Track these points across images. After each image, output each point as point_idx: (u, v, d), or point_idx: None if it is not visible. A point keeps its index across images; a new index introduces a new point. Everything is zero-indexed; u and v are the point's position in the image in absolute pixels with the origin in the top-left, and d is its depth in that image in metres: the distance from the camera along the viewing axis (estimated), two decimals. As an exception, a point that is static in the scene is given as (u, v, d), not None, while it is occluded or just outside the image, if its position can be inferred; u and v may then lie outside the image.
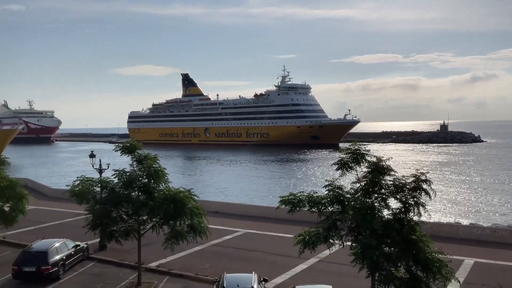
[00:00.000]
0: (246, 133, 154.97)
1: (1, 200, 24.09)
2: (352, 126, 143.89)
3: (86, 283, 20.28)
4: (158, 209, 17.87)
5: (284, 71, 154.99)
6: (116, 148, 19.86)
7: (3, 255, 24.65)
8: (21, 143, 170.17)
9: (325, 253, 19.92)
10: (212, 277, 19.89)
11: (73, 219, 32.31)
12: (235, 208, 36.00)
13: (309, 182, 61.61)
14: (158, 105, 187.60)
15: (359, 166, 14.76)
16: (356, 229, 14.15)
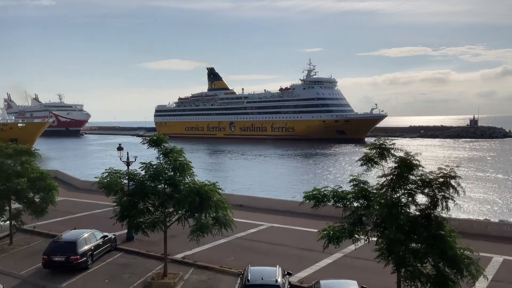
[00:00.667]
0: (271, 127, 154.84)
1: (32, 191, 24.76)
2: (378, 120, 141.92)
3: (114, 273, 20.72)
4: (183, 201, 18.08)
5: (309, 64, 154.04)
6: (143, 141, 20.17)
7: (34, 244, 25.41)
8: (51, 135, 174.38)
9: (350, 248, 19.80)
10: (236, 269, 20.03)
11: (101, 210, 32.98)
12: (259, 202, 36.10)
13: (333, 177, 61.22)
14: (184, 99, 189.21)
15: (385, 161, 14.60)
16: (381, 225, 14.01)
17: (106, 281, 19.70)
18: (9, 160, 25.42)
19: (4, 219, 24.82)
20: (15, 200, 24.74)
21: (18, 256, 23.52)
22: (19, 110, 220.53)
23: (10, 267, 21.54)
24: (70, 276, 20.19)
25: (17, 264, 22.01)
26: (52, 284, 19.20)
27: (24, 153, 25.80)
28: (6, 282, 18.71)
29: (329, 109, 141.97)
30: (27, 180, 24.27)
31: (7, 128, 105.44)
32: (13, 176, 24.23)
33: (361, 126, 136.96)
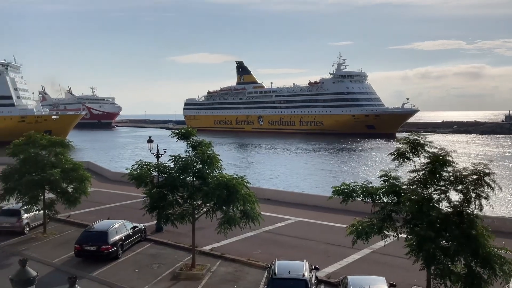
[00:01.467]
0: (300, 121, 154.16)
1: (65, 181, 25.42)
2: (410, 115, 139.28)
3: (143, 263, 21.10)
4: (211, 194, 18.22)
5: (339, 58, 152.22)
6: (173, 134, 20.42)
7: (67, 233, 26.12)
8: (84, 128, 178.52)
9: (378, 244, 19.55)
10: (263, 263, 20.09)
11: (132, 201, 33.58)
12: (287, 196, 36.05)
13: (362, 172, 60.51)
14: (213, 92, 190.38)
15: (417, 157, 14.31)
16: (412, 221, 13.76)
17: (136, 271, 20.08)
18: (44, 151, 26.16)
19: (38, 209, 25.56)
20: (49, 190, 25.42)
21: (51, 244, 24.23)
22: (53, 103, 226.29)
23: (43, 255, 22.21)
24: (101, 265, 20.67)
25: (50, 252, 22.68)
26: (83, 272, 19.68)
27: (58, 144, 26.49)
28: (40, 269, 19.28)
29: (359, 103, 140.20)
30: (61, 170, 24.91)
31: (42, 120, 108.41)
32: (47, 167, 24.90)
33: (392, 121, 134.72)
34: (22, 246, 23.76)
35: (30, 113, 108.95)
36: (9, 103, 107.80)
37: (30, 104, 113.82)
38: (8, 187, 24.90)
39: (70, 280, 8.36)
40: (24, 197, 24.68)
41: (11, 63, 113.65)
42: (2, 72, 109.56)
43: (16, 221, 25.81)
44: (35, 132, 27.14)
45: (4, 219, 25.88)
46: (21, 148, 25.82)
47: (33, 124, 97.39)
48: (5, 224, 25.79)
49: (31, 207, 24.92)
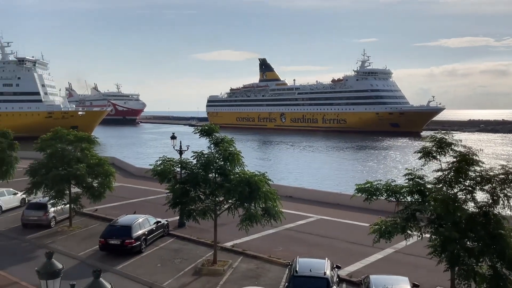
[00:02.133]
0: (322, 119, 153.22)
1: (91, 176, 25.88)
2: (435, 113, 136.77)
3: (166, 257, 21.34)
4: (233, 191, 18.28)
5: (363, 55, 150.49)
6: (195, 130, 20.56)
7: (92, 227, 26.60)
8: (109, 124, 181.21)
9: (401, 244, 19.29)
10: (285, 260, 20.08)
11: (155, 197, 33.96)
12: (309, 193, 35.91)
13: (386, 170, 59.79)
14: (235, 89, 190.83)
15: (443, 156, 14.07)
16: (436, 221, 13.55)
17: (159, 265, 20.32)
18: (70, 147, 26.68)
19: (64, 203, 26.09)
20: (75, 185, 25.93)
21: (76, 238, 24.72)
22: (79, 99, 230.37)
23: (69, 248, 22.69)
24: (124, 259, 20.99)
25: (76, 246, 23.15)
26: (107, 266, 20.02)
27: (84, 140, 26.99)
28: (65, 262, 19.67)
29: (383, 101, 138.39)
30: (86, 165, 25.37)
31: (68, 115, 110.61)
32: (73, 162, 25.40)
33: (417, 119, 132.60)
34: (48, 239, 24.33)
35: (57, 109, 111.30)
36: (37, 99, 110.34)
37: (57, 100, 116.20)
38: (36, 181, 25.50)
39: (95, 273, 8.50)
40: (50, 191, 25.22)
41: (39, 60, 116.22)
42: (30, 68, 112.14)
43: (43, 215, 26.41)
44: (62, 128, 27.69)
45: (31, 213, 26.52)
46: (48, 143, 26.40)
47: (60, 119, 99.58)
48: (32, 217, 26.42)
49: (57, 201, 25.45)
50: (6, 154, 33.88)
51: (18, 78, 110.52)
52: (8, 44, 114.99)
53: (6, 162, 33.81)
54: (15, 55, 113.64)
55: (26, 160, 36.38)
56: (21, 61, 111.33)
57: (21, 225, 26.66)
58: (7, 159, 33.87)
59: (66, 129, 28.01)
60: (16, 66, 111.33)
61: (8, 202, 31.05)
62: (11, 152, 34.34)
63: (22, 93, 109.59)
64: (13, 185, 34.38)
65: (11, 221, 28.19)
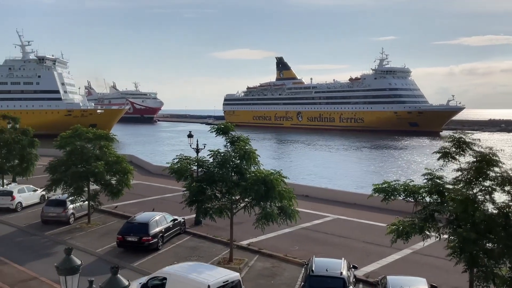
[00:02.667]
0: (339, 117, 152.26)
1: (109, 174, 26.17)
2: (455, 113, 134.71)
3: (182, 255, 21.46)
4: (249, 189, 18.30)
5: (382, 53, 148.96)
6: (212, 129, 20.64)
7: (110, 224, 26.91)
8: (127, 122, 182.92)
9: (419, 245, 19.08)
10: (301, 259, 20.03)
11: (172, 194, 34.21)
12: (325, 193, 35.75)
13: (404, 170, 59.17)
14: (252, 88, 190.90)
15: (463, 156, 13.85)
16: (455, 222, 13.35)
17: (175, 263, 20.43)
18: (89, 144, 27.02)
19: (83, 199, 26.45)
20: (94, 182, 26.26)
21: (95, 234, 25.04)
22: (98, 97, 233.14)
23: (87, 245, 22.99)
24: (141, 256, 21.19)
25: (94, 242, 23.44)
26: (125, 262, 20.22)
27: (103, 138, 27.31)
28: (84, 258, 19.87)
29: (401, 100, 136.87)
30: (105, 163, 25.67)
31: (87, 114, 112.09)
32: (92, 159, 25.72)
33: (436, 119, 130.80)
34: (67, 236, 24.69)
35: (76, 107, 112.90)
36: (57, 97, 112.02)
37: (76, 99, 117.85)
38: (55, 178, 25.91)
39: (113, 270, 8.60)
40: (69, 188, 25.62)
41: (59, 59, 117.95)
42: (50, 67, 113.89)
43: (62, 211, 26.82)
44: (81, 126, 28.06)
45: (50, 209, 26.96)
46: (68, 140, 26.76)
47: (79, 117, 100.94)
48: (51, 213, 26.86)
49: (76, 198, 25.79)
50: (26, 151, 34.49)
51: (38, 76, 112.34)
52: (28, 43, 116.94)
53: (26, 159, 34.43)
54: (35, 53, 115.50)
55: (46, 157, 37.00)
56: (41, 60, 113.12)
57: (40, 222, 27.12)
58: (27, 156, 34.48)
59: (85, 127, 28.36)
60: (37, 65, 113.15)
61: (28, 199, 31.62)
62: (31, 150, 34.93)
63: (42, 91, 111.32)
64: (33, 182, 34.97)
65: (31, 217, 28.70)
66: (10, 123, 36.59)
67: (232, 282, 14.62)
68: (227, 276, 14.67)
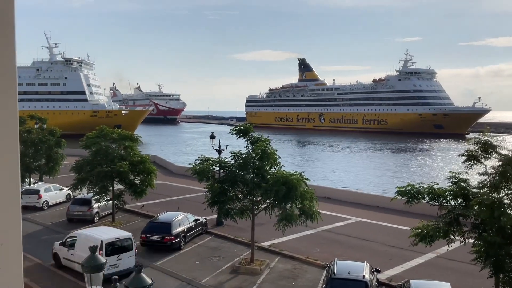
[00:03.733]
0: (362, 119, 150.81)
1: (133, 173, 26.55)
2: (481, 115, 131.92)
3: (204, 255, 21.63)
4: (270, 191, 18.31)
5: (406, 55, 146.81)
6: (232, 131, 20.76)
7: (133, 223, 27.29)
8: (151, 123, 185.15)
9: (444, 249, 18.77)
10: (322, 261, 19.93)
11: (194, 195, 34.46)
12: (347, 195, 35.48)
13: (428, 173, 58.22)
14: (274, 89, 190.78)
15: (488, 159, 13.59)
16: (480, 226, 13.11)
17: (197, 263, 20.63)
18: (114, 144, 27.47)
19: (108, 199, 26.89)
20: (118, 182, 26.68)
21: (119, 233, 25.37)
22: (123, 98, 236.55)
23: (112, 243, 23.32)
24: (164, 255, 21.44)
25: (118, 241, 23.75)
26: (148, 261, 20.48)
27: (127, 138, 27.73)
28: (109, 256, 20.33)
29: (426, 101, 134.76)
30: (129, 163, 26.05)
31: (112, 114, 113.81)
32: (116, 159, 26.14)
33: (462, 121, 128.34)
34: (92, 234, 25.08)
35: (101, 108, 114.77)
36: (83, 98, 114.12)
37: (101, 100, 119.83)
38: (81, 177, 26.41)
39: (137, 268, 8.73)
40: (95, 187, 26.08)
41: (85, 61, 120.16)
42: (77, 69, 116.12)
43: (87, 210, 27.34)
44: (106, 126, 28.53)
45: (76, 208, 27.51)
46: (93, 141, 27.27)
47: (104, 118, 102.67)
48: (77, 212, 27.41)
49: (101, 197, 26.23)
50: (53, 151, 35.27)
51: (65, 78, 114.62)
52: (56, 45, 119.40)
53: (53, 159, 35.22)
54: (62, 55, 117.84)
55: (72, 157, 37.76)
56: (68, 62, 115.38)
57: (66, 220, 27.71)
58: (54, 156, 35.26)
59: (110, 127, 28.82)
60: (63, 66, 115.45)
61: (54, 197, 32.35)
62: (57, 149, 35.70)
63: (68, 93, 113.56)
64: (59, 181, 35.74)
65: (57, 215, 29.35)
66: (37, 124, 37.50)
67: (124, 239, 19.01)
68: (119, 234, 19.41)
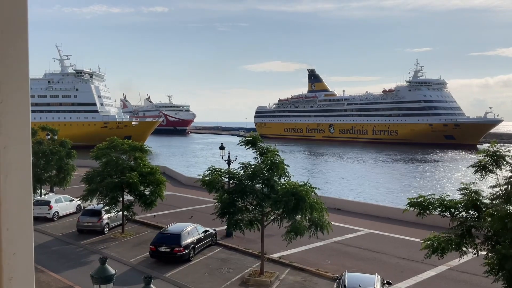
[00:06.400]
0: (372, 130, 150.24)
1: (143, 184, 26.62)
2: (493, 125, 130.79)
3: (213, 266, 21.53)
4: (279, 202, 18.23)
5: (416, 65, 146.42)
6: (240, 142, 20.79)
7: (143, 234, 27.30)
8: (160, 134, 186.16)
9: (456, 261, 18.51)
10: (332, 273, 19.74)
11: (204, 206, 34.44)
12: (357, 206, 35.21)
13: (440, 184, 57.68)
14: (284, 100, 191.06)
15: (499, 170, 13.43)
16: (493, 238, 12.90)
17: (206, 274, 20.53)
18: (124, 155, 27.61)
19: (117, 210, 26.96)
20: (128, 192, 26.76)
21: (128, 244, 25.44)
22: (133, 110, 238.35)
23: (121, 254, 23.38)
24: (173, 266, 21.37)
25: (127, 252, 23.82)
26: (157, 273, 20.44)
27: (137, 149, 27.88)
28: (117, 268, 20.29)
29: (437, 112, 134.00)
30: (139, 174, 26.14)
31: (123, 126, 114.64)
32: (126, 170, 26.24)
33: (473, 131, 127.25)
34: (101, 245, 25.18)
35: (112, 119, 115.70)
36: (93, 110, 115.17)
37: (112, 111, 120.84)
38: (91, 188, 26.52)
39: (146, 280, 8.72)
40: (105, 198, 26.17)
41: (96, 72, 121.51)
42: (88, 80, 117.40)
43: (97, 221, 27.41)
44: (116, 137, 28.71)
45: (86, 219, 27.60)
46: (104, 152, 27.44)
47: (114, 129, 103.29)
48: (87, 223, 27.49)
49: (111, 208, 26.30)
50: (64, 162, 35.53)
51: (76, 89, 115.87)
52: (67, 57, 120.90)
53: (63, 170, 35.46)
54: (73, 67, 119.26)
55: (83, 168, 37.99)
56: (79, 73, 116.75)
57: (76, 231, 27.79)
58: (65, 167, 35.51)
59: (121, 138, 28.98)
60: (75, 78, 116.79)
61: (64, 208, 32.51)
62: (68, 161, 35.96)
63: (79, 104, 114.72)
64: (70, 192, 35.96)
65: (67, 226, 29.47)
66: (48, 135, 37.86)
67: None
68: None
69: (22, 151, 1.59)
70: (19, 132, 1.58)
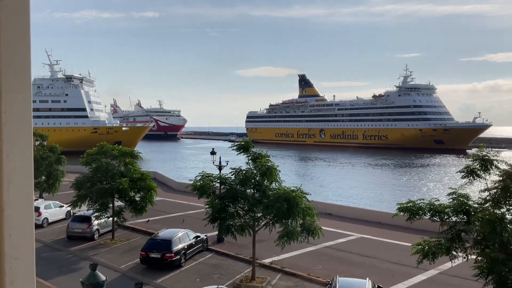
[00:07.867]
0: (363, 135, 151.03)
1: (133, 190, 26.48)
2: (482, 130, 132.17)
3: (205, 272, 21.46)
4: (271, 207, 18.26)
5: (406, 70, 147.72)
6: (232, 146, 20.82)
7: (133, 241, 27.13)
8: (151, 139, 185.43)
9: (446, 265, 18.62)
10: (324, 278, 19.78)
11: (195, 211, 34.32)
12: (349, 211, 35.33)
13: (429, 189, 58.10)
14: (274, 105, 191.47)
15: (488, 174, 13.58)
16: (483, 242, 13.02)
17: (197, 280, 20.45)
18: (114, 161, 27.47)
19: (107, 216, 26.78)
20: (118, 198, 26.60)
21: (118, 251, 25.27)
22: (123, 115, 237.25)
23: (111, 261, 23.21)
24: (164, 272, 21.26)
25: (118, 258, 23.65)
26: (148, 279, 20.31)
27: (128, 154, 27.75)
28: (108, 274, 20.14)
29: (426, 117, 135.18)
30: (129, 180, 26.00)
31: (113, 131, 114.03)
32: (117, 176, 26.10)
33: (462, 136, 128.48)
34: (91, 251, 24.99)
35: (102, 125, 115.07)
36: (83, 115, 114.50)
37: (102, 116, 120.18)
38: (81, 194, 26.35)
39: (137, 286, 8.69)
40: (95, 204, 25.98)
41: (86, 77, 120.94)
42: (77, 85, 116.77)
43: (87, 227, 27.20)
44: (106, 143, 28.56)
45: (76, 225, 27.37)
46: (94, 157, 27.30)
47: (104, 135, 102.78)
48: (76, 229, 27.26)
49: (101, 214, 26.11)
50: (53, 168, 35.25)
51: (66, 94, 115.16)
52: (57, 62, 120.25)
53: (53, 176, 35.19)
54: (63, 72, 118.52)
55: (72, 173, 37.74)
56: (69, 79, 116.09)
57: (66, 237, 27.55)
58: (54, 173, 35.24)
59: (111, 144, 28.83)
60: (64, 83, 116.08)
61: (54, 215, 32.21)
62: (58, 166, 35.69)
63: (69, 109, 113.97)
64: (59, 198, 35.63)
65: (56, 233, 29.20)
66: (38, 140, 37.55)
67: None
68: None
69: (25, 158, 1.64)
70: (21, 140, 1.62)
